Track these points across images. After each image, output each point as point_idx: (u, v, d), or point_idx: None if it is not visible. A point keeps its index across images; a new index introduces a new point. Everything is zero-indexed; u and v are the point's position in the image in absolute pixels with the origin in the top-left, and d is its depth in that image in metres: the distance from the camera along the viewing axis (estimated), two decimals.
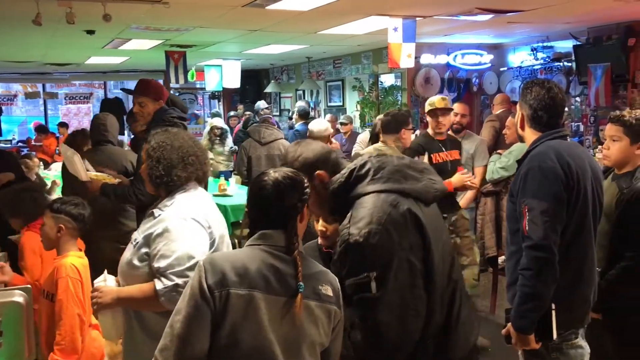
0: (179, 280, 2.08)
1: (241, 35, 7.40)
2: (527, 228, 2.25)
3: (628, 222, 2.78)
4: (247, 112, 10.25)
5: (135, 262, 2.20)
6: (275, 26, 6.55)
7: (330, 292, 1.72)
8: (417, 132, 7.90)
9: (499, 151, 4.86)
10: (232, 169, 8.17)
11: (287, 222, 1.73)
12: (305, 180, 1.80)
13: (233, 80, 10.35)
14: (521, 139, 2.63)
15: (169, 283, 2.09)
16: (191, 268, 2.05)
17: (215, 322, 1.61)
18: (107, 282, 2.28)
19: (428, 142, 4.45)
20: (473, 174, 4.89)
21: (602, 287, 2.61)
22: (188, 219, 2.20)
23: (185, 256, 2.11)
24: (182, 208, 2.23)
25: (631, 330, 2.84)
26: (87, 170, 3.66)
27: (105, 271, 2.35)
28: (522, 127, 2.50)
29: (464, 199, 4.89)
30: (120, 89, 8.65)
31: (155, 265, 2.14)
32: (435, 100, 4.50)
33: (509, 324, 2.36)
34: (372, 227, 1.74)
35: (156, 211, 2.26)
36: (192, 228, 2.19)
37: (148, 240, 2.19)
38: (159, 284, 2.09)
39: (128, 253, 2.27)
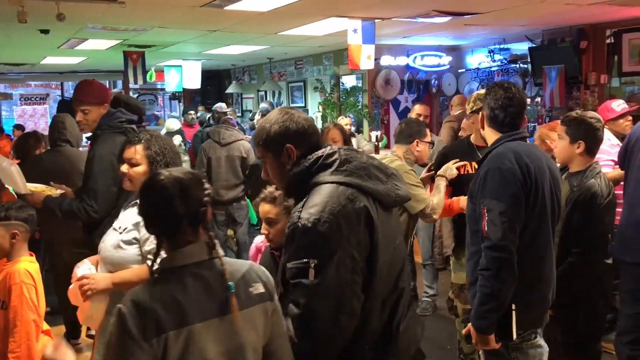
0: None
1: (200, 36, 7.34)
2: (486, 229, 2.28)
3: (576, 219, 2.86)
4: (196, 114, 10.19)
5: (123, 245, 2.34)
6: (235, 27, 6.52)
7: (261, 289, 1.66)
8: (377, 133, 8.03)
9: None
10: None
11: (201, 223, 1.61)
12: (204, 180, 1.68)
13: (193, 80, 10.27)
14: (483, 140, 2.68)
15: None
16: None
17: None
18: (91, 269, 2.41)
19: (465, 149, 3.63)
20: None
21: None
22: None
23: None
24: None
25: (581, 323, 2.92)
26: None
27: (86, 259, 2.46)
28: (482, 127, 2.57)
29: None
30: (59, 103, 8.32)
31: (149, 247, 2.27)
32: None
33: (469, 324, 2.39)
34: (323, 215, 1.71)
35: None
36: None
37: (138, 226, 2.32)
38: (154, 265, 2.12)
39: (112, 238, 2.39)
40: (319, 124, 9.65)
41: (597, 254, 2.93)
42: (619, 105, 4.39)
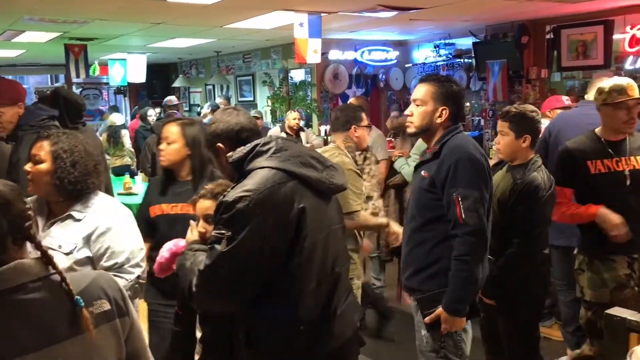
0: (137, 271, 2.31)
1: (145, 29, 7.18)
2: (462, 216, 2.37)
3: (518, 211, 2.93)
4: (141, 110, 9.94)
5: (75, 267, 2.21)
6: (180, 19, 6.41)
7: (106, 305, 1.42)
8: (327, 127, 8.05)
9: (399, 153, 4.96)
10: (129, 164, 7.93)
11: (30, 238, 1.38)
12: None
13: (138, 74, 10.04)
14: (421, 134, 2.65)
15: (131, 277, 2.28)
16: (143, 259, 2.37)
17: None
18: None
19: (596, 146, 3.23)
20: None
21: (494, 274, 2.75)
22: (126, 214, 2.40)
23: (137, 249, 2.35)
24: (113, 206, 2.39)
25: (522, 312, 3.00)
26: None
27: None
28: (445, 122, 2.56)
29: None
30: None
31: (109, 263, 2.25)
32: (624, 84, 3.18)
33: (439, 310, 2.44)
34: (245, 194, 1.81)
35: (76, 214, 2.28)
36: (133, 222, 2.41)
37: (88, 242, 2.25)
38: (121, 281, 2.09)
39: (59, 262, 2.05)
40: (268, 119, 9.62)
41: (537, 244, 2.99)
42: (567, 99, 4.69)
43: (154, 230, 2.83)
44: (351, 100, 5.33)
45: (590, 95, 3.79)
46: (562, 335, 4.03)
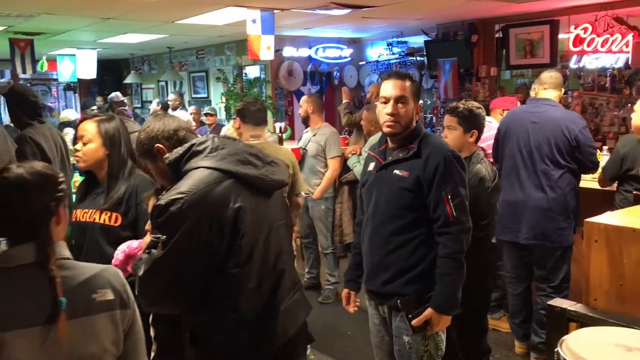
0: None
1: (94, 24, 7.01)
2: (453, 214, 2.38)
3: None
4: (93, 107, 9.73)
5: None
6: (130, 14, 6.28)
7: (110, 295, 1.51)
8: (282, 124, 8.04)
9: (353, 150, 4.99)
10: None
11: (37, 231, 1.45)
12: (60, 176, 1.56)
13: (89, 70, 9.80)
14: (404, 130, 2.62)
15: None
16: None
17: None
18: None
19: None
20: (326, 165, 5.04)
21: None
22: None
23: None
24: None
25: (471, 299, 3.07)
26: None
27: None
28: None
29: (318, 190, 5.01)
30: None
31: None
32: None
33: (428, 311, 2.40)
34: (178, 196, 1.81)
35: None
36: None
37: None
38: None
39: None
40: (222, 115, 9.53)
41: (485, 234, 3.08)
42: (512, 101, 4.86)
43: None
44: (305, 97, 5.32)
45: (532, 93, 3.94)
46: (510, 327, 4.14)
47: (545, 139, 3.64)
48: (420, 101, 8.86)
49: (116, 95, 8.18)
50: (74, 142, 2.72)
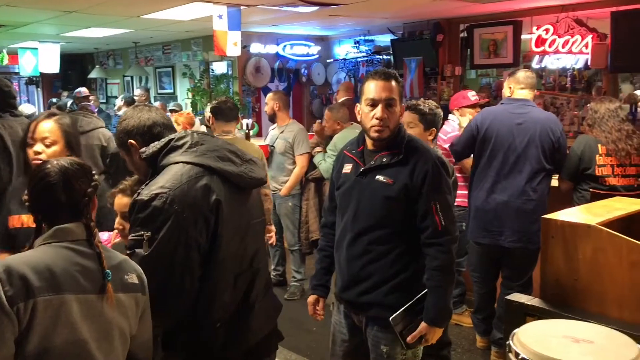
0: None
1: (57, 17, 6.88)
2: (442, 223, 2.28)
3: None
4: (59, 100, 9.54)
5: None
6: (94, 8, 6.18)
7: (136, 280, 1.68)
8: (249, 121, 8.01)
9: (317, 149, 5.01)
10: None
11: (81, 212, 1.63)
12: (92, 167, 1.73)
13: (52, 64, 9.60)
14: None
15: None
16: None
17: (20, 337, 1.45)
18: None
19: None
20: (294, 162, 5.06)
21: None
22: None
23: None
24: None
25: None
26: None
27: None
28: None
29: (286, 187, 5.02)
30: None
31: None
32: None
33: (422, 326, 2.32)
34: (161, 190, 1.78)
35: None
36: None
37: None
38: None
39: None
40: (188, 110, 9.45)
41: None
42: (473, 95, 4.74)
43: (13, 241, 2.49)
44: (270, 95, 5.31)
45: (507, 91, 3.92)
46: (472, 322, 4.22)
47: (532, 141, 3.62)
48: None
49: (80, 90, 8.02)
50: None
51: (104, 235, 2.23)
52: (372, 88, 2.33)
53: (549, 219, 2.44)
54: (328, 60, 9.81)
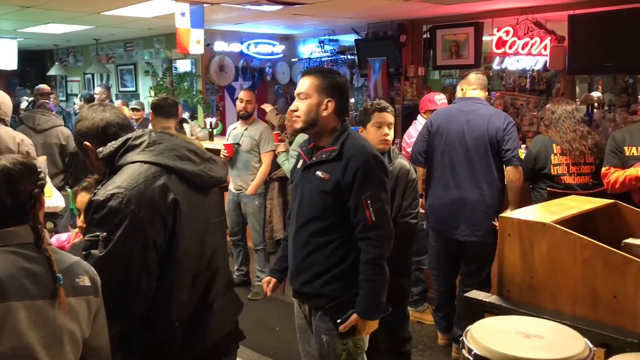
0: None
1: (13, 12, 6.71)
2: (373, 219, 2.32)
3: (400, 192, 3.11)
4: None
5: None
6: (52, 3, 6.04)
7: (88, 282, 1.64)
8: (212, 120, 7.95)
9: (281, 148, 4.99)
10: None
11: (28, 214, 1.58)
12: (39, 166, 1.67)
13: (9, 61, 9.35)
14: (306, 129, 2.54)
15: None
16: None
17: None
18: None
19: None
20: (260, 160, 5.04)
21: None
22: None
23: None
24: None
25: (396, 291, 3.16)
26: None
27: None
28: (331, 116, 2.43)
29: (252, 185, 5.00)
30: None
31: None
32: None
33: (353, 317, 2.36)
34: (117, 190, 1.76)
35: None
36: None
37: None
38: None
39: None
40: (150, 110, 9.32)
41: (417, 222, 3.20)
42: (440, 99, 4.84)
43: None
44: (241, 93, 5.26)
45: (459, 92, 4.03)
46: (433, 319, 4.27)
47: (480, 137, 3.70)
48: (352, 99, 8.94)
49: (40, 87, 7.81)
50: None
51: (62, 236, 2.19)
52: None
53: (505, 217, 2.49)
54: (293, 60, 9.80)
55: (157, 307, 1.84)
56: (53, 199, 3.70)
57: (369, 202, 2.32)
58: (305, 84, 2.43)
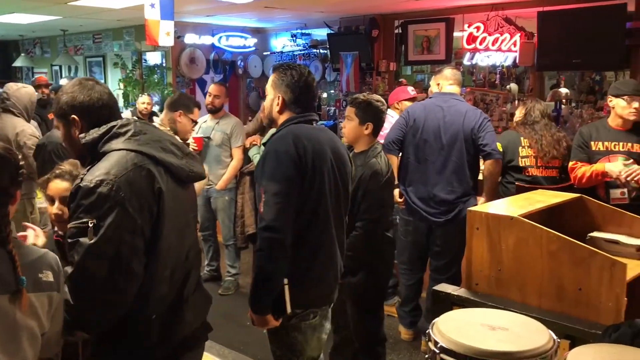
0: None
1: None
2: (262, 209, 2.29)
3: (359, 195, 3.07)
4: None
5: None
6: None
7: (51, 278, 1.61)
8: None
9: (254, 142, 4.96)
10: None
11: None
12: (19, 158, 1.63)
13: None
14: (271, 124, 2.61)
15: None
16: None
17: None
18: None
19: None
20: (231, 155, 4.99)
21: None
22: None
23: None
24: None
25: (367, 290, 3.16)
26: None
27: None
28: (281, 111, 2.47)
29: (223, 180, 4.96)
30: None
31: None
32: None
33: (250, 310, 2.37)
34: (106, 177, 1.72)
35: None
36: None
37: None
38: None
39: None
40: (120, 102, 9.18)
41: (378, 226, 3.15)
42: (412, 90, 4.88)
43: None
44: (212, 86, 5.19)
45: (434, 87, 4.02)
46: (397, 313, 4.29)
47: (455, 134, 3.72)
48: (325, 94, 8.91)
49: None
50: None
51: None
52: None
53: (474, 211, 2.51)
54: (265, 53, 9.74)
55: (137, 299, 1.81)
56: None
57: (263, 192, 2.29)
58: (268, 80, 2.50)
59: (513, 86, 8.54)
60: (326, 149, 2.44)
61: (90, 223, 1.68)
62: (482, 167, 3.87)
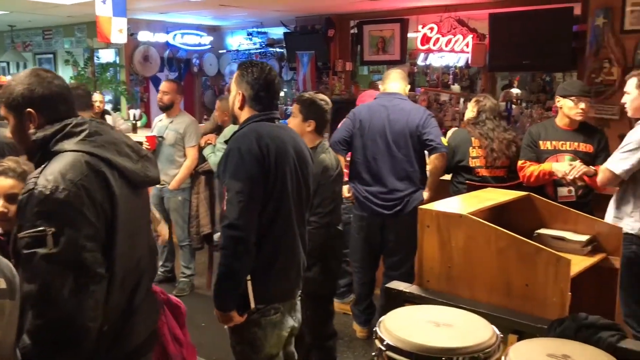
0: None
1: None
2: (224, 207, 2.29)
3: (312, 190, 3.07)
4: None
5: None
6: None
7: (3, 285, 1.51)
8: (137, 111, 7.73)
9: (209, 141, 4.90)
10: None
11: None
12: None
13: None
14: (234, 121, 2.61)
15: None
16: None
17: None
18: None
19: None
20: (185, 155, 4.92)
21: None
22: None
23: None
24: None
25: (318, 283, 3.17)
26: None
27: None
28: (242, 108, 2.48)
29: (176, 180, 4.89)
30: None
31: None
32: None
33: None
34: (62, 182, 1.64)
35: None
36: None
37: None
38: None
39: None
40: None
41: (329, 221, 3.19)
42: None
43: None
44: (164, 83, 5.10)
45: (387, 88, 4.06)
46: (352, 311, 4.32)
47: (401, 131, 3.80)
48: (282, 93, 8.89)
49: None
50: None
51: None
52: None
53: (424, 209, 2.54)
54: (220, 51, 9.67)
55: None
56: None
57: (225, 190, 2.30)
58: (232, 77, 2.51)
59: (455, 87, 8.71)
60: (288, 148, 2.46)
61: (49, 231, 1.60)
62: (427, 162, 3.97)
